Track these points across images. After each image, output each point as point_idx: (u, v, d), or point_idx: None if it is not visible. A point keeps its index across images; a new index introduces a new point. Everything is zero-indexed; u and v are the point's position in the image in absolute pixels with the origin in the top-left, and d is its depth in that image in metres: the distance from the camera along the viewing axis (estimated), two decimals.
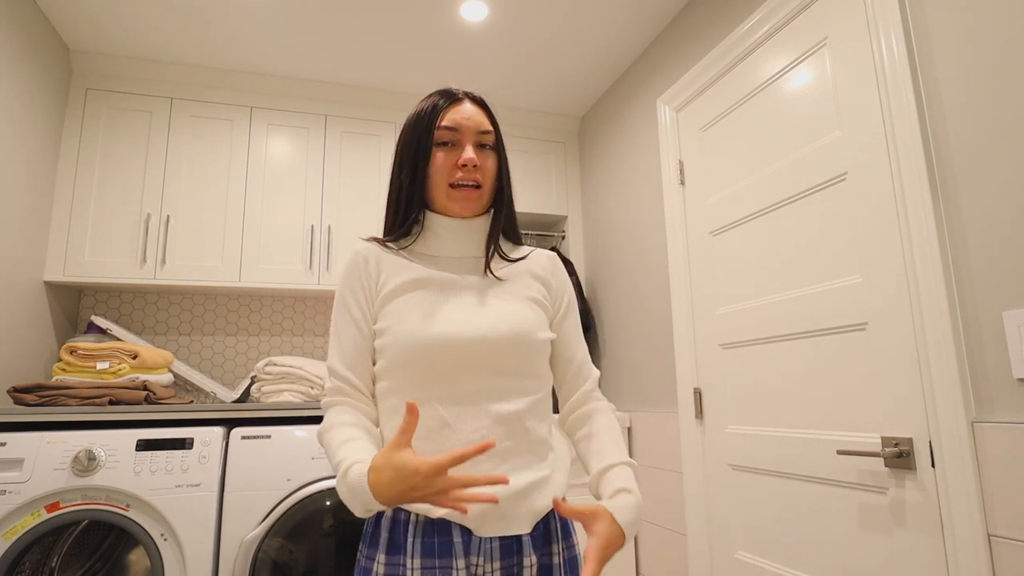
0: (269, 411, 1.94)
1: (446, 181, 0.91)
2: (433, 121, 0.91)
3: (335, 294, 0.94)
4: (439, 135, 0.91)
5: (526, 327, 0.88)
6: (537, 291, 0.95)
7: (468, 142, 0.91)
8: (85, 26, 2.16)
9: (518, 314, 0.89)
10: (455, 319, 0.86)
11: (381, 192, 2.58)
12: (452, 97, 0.93)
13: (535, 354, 0.89)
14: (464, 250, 0.95)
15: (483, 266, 0.94)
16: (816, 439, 1.46)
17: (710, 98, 1.94)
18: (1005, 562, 1.05)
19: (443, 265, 0.93)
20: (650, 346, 2.22)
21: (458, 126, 0.91)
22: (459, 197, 0.91)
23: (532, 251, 1.01)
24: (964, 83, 1.16)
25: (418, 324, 0.85)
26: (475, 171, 0.91)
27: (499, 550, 0.82)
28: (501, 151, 0.96)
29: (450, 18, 2.17)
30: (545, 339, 0.91)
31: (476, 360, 0.85)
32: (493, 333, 0.86)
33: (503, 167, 0.96)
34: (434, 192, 0.93)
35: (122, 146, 2.30)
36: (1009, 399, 1.06)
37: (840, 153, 1.43)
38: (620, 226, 2.49)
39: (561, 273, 1.01)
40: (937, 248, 1.18)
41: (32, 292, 2.07)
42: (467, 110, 0.93)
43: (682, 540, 1.98)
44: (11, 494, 1.57)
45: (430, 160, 0.92)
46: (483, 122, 0.93)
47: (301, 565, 1.78)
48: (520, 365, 0.87)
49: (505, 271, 0.95)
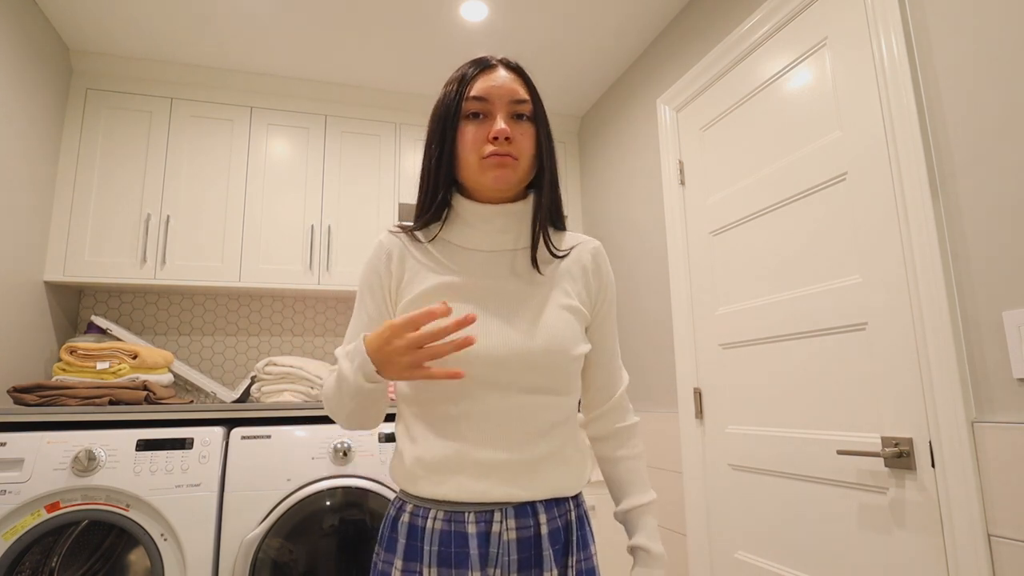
0: (269, 411, 1.94)
1: (477, 156, 0.81)
2: (462, 92, 0.82)
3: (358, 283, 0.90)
4: (468, 106, 0.82)
5: (562, 342, 0.81)
6: (576, 296, 0.87)
7: (500, 112, 0.81)
8: (85, 26, 2.16)
9: (554, 325, 0.82)
10: (484, 332, 0.80)
11: (381, 192, 2.58)
12: (484, 65, 0.84)
13: (569, 371, 0.82)
14: (499, 242, 0.86)
15: (518, 263, 0.86)
16: (816, 439, 1.46)
17: (710, 98, 1.94)
18: (1005, 562, 1.05)
19: (474, 263, 0.85)
20: (650, 346, 2.22)
21: (488, 95, 0.81)
22: (491, 164, 0.80)
23: (581, 241, 0.92)
24: (964, 83, 1.16)
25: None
26: (508, 144, 0.80)
27: (517, 563, 0.77)
28: (542, 124, 0.85)
29: (450, 18, 2.17)
30: (580, 354, 0.83)
31: (504, 378, 0.79)
32: (524, 349, 0.79)
33: (544, 141, 0.85)
34: (464, 170, 0.83)
35: (122, 146, 2.30)
36: (1009, 399, 1.06)
37: (840, 153, 1.43)
38: (620, 226, 2.49)
39: (604, 270, 0.92)
40: (937, 248, 1.18)
41: (32, 292, 2.07)
42: (500, 77, 0.83)
43: (682, 540, 1.98)
44: (11, 494, 1.57)
45: (458, 134, 0.82)
46: (518, 90, 0.83)
47: (301, 565, 1.78)
48: (552, 383, 0.81)
49: (548, 271, 0.86)
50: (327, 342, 2.72)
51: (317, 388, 2.22)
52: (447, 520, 0.78)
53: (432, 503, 0.80)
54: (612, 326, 0.93)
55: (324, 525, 1.82)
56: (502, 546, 0.76)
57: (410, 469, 0.81)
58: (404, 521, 0.81)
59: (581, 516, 0.85)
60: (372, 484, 1.84)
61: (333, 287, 2.44)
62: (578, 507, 0.85)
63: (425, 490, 0.79)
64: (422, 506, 0.80)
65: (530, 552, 0.78)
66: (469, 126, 0.82)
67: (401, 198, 2.61)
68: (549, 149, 0.86)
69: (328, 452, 1.84)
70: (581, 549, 0.82)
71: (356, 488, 1.83)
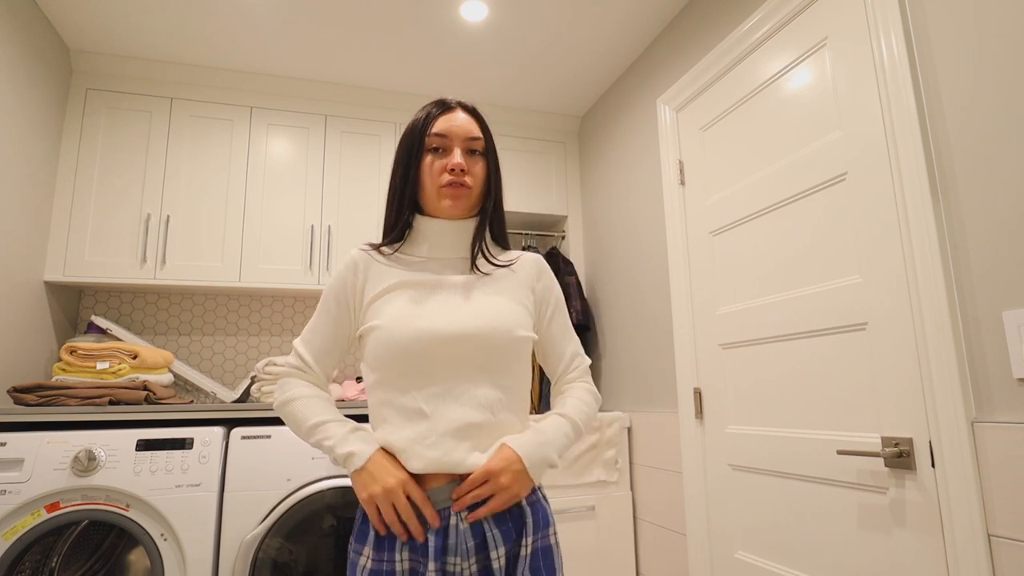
0: (269, 411, 1.94)
1: (436, 184, 0.97)
2: (426, 128, 0.98)
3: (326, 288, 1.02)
4: (430, 141, 0.97)
5: (503, 323, 0.93)
6: (522, 294, 1.00)
7: (457, 147, 0.97)
8: (85, 26, 2.16)
9: (496, 310, 0.94)
10: (433, 316, 0.91)
11: (381, 192, 2.58)
12: (444, 106, 1.00)
13: (512, 350, 0.93)
14: (451, 251, 1.01)
15: (466, 266, 1.00)
16: (816, 439, 1.46)
17: (710, 98, 1.94)
18: (1005, 562, 1.05)
19: (429, 266, 0.99)
20: (650, 346, 2.22)
21: (448, 133, 0.97)
22: (447, 194, 0.96)
23: (520, 255, 1.05)
24: (964, 83, 1.16)
25: (398, 322, 0.91)
26: (462, 175, 0.96)
27: (474, 548, 0.86)
28: (491, 157, 1.01)
29: (450, 18, 2.17)
30: (523, 336, 0.94)
31: (453, 355, 0.90)
32: (469, 328, 0.91)
33: (492, 172, 1.01)
34: (425, 195, 0.99)
35: (122, 146, 2.30)
36: (1009, 399, 1.06)
37: (840, 153, 1.43)
38: (620, 226, 2.49)
39: (547, 275, 1.06)
40: (937, 248, 1.18)
41: (32, 292, 2.07)
42: (458, 118, 0.99)
43: (682, 540, 1.98)
44: (11, 494, 1.57)
45: (421, 165, 0.98)
46: (473, 129, 0.99)
47: (301, 565, 1.78)
48: (496, 361, 0.92)
49: (490, 270, 1.00)
50: None
51: None
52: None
53: None
54: (562, 318, 1.05)
55: (324, 525, 1.82)
56: (460, 535, 0.86)
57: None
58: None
59: (536, 500, 0.93)
60: None
61: None
62: (532, 493, 0.93)
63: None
64: None
65: (482, 537, 0.87)
66: (430, 157, 0.98)
67: None
68: (497, 179, 1.02)
69: None
70: (541, 529, 0.91)
71: None
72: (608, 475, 2.26)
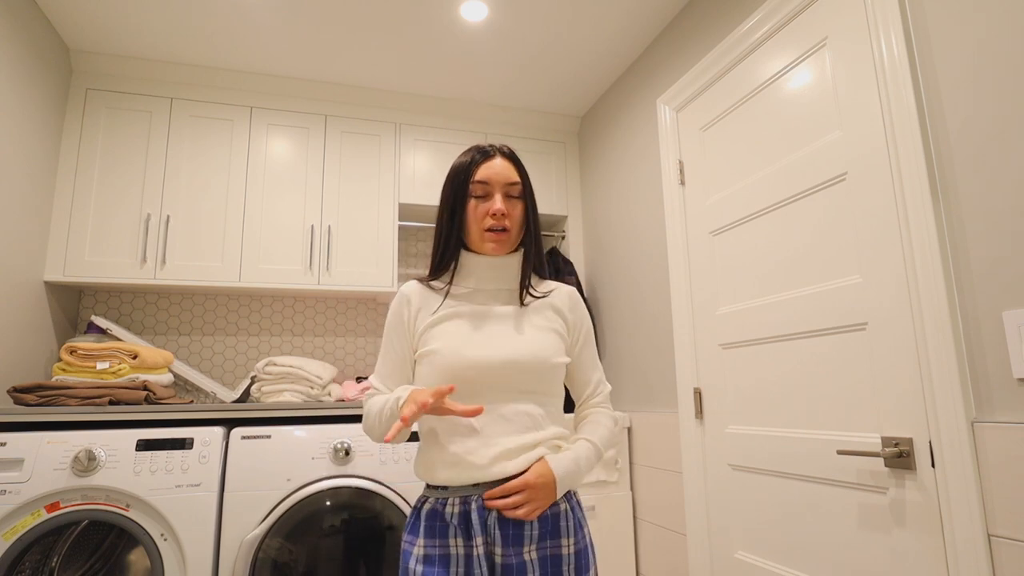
0: (269, 411, 1.94)
1: (480, 227, 1.08)
2: (469, 175, 1.08)
3: (386, 326, 1.14)
4: (473, 188, 1.08)
5: (544, 353, 1.04)
6: (557, 323, 1.11)
7: (498, 192, 1.08)
8: (85, 26, 2.16)
9: (539, 342, 1.05)
10: (484, 344, 1.03)
11: (381, 192, 2.58)
12: (485, 154, 1.10)
13: (551, 374, 1.05)
14: (496, 283, 1.12)
15: (511, 297, 1.12)
16: (816, 439, 1.46)
17: (710, 98, 1.94)
18: (1005, 562, 1.05)
19: (476, 298, 1.10)
20: (650, 346, 2.22)
21: (489, 180, 1.08)
22: (490, 239, 1.08)
23: (556, 287, 1.17)
24: (964, 83, 1.16)
25: (452, 349, 1.02)
26: (503, 219, 1.07)
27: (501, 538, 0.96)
28: (529, 198, 1.12)
29: (450, 18, 2.17)
30: (560, 363, 1.07)
31: (501, 379, 1.01)
32: (514, 356, 1.02)
33: (530, 212, 1.12)
34: (470, 235, 1.10)
35: (122, 146, 2.30)
36: (1009, 399, 1.06)
37: (840, 153, 1.43)
38: (620, 226, 2.49)
39: (579, 308, 1.16)
40: (937, 248, 1.18)
41: (32, 292, 2.07)
42: (497, 165, 1.09)
43: (682, 540, 1.98)
44: (11, 494, 1.57)
45: (466, 208, 1.09)
46: (511, 175, 1.09)
47: (301, 565, 1.78)
48: (539, 384, 1.04)
49: (531, 303, 1.12)
50: (327, 342, 2.73)
51: (317, 388, 2.22)
52: (463, 503, 0.98)
53: (450, 490, 0.99)
54: (591, 348, 1.17)
55: (324, 525, 1.82)
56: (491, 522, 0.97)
57: (432, 464, 1.02)
58: (426, 509, 1.01)
59: (573, 507, 1.04)
60: (372, 484, 1.84)
61: (333, 287, 2.44)
62: (568, 500, 1.03)
63: (441, 477, 1.00)
64: (440, 497, 1.00)
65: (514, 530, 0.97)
66: (473, 202, 1.08)
67: (401, 198, 2.61)
68: (535, 218, 1.13)
69: (328, 452, 1.84)
70: (575, 532, 1.01)
71: (356, 488, 1.83)
72: (608, 475, 2.26)
